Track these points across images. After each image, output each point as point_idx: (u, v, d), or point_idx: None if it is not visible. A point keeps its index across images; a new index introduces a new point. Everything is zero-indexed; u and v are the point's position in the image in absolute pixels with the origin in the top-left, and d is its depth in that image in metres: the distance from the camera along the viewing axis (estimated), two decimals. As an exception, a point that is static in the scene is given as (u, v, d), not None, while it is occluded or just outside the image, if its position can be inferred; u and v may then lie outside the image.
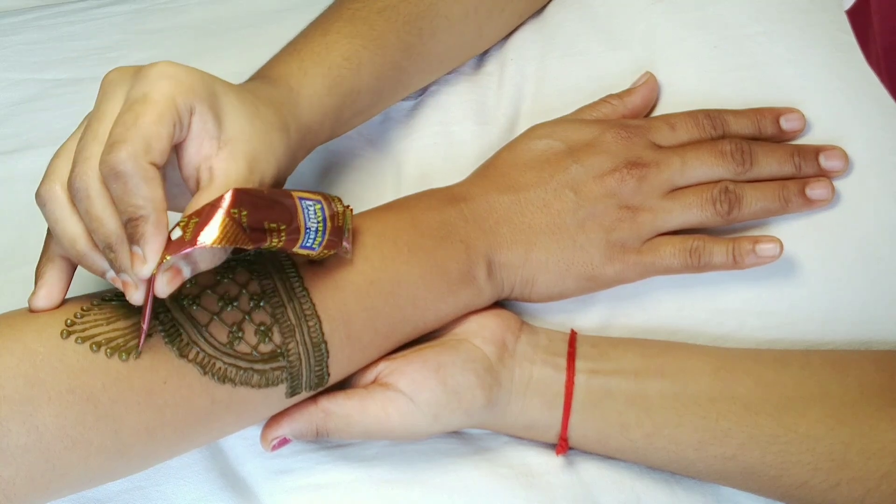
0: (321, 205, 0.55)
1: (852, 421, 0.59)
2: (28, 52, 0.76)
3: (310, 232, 0.54)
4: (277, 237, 0.51)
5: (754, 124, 0.66)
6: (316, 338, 0.55)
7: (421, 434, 0.59)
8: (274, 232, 0.51)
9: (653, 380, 0.61)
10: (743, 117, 0.66)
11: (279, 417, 0.59)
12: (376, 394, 0.59)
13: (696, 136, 0.65)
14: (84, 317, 0.52)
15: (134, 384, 0.51)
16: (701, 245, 0.62)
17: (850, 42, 0.61)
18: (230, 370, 0.53)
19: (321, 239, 0.54)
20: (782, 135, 0.66)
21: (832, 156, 0.65)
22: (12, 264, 0.68)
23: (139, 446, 0.52)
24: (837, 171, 0.65)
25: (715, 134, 0.65)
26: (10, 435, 0.48)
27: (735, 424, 0.59)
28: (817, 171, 0.65)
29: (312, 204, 0.55)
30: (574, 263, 0.63)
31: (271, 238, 0.51)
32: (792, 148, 0.65)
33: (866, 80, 0.65)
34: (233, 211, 0.49)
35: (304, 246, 0.53)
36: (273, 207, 0.52)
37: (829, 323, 0.64)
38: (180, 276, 0.49)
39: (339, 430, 0.59)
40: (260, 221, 0.50)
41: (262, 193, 0.52)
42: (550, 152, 0.64)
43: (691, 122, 0.66)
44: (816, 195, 0.64)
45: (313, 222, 0.54)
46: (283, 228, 0.52)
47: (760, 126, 0.66)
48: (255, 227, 0.50)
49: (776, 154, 0.65)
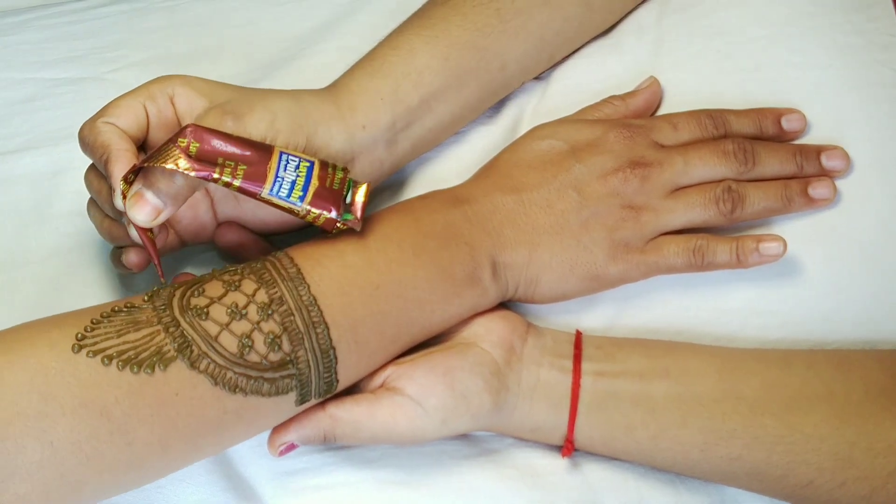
0: (310, 163, 0.57)
1: (857, 420, 0.59)
2: (28, 51, 0.76)
3: (281, 181, 0.56)
4: (232, 174, 0.54)
5: (756, 124, 0.66)
6: (324, 344, 0.56)
7: (428, 438, 0.60)
8: (227, 168, 0.54)
9: (658, 381, 0.61)
10: (744, 117, 0.66)
11: (287, 423, 0.59)
12: (384, 399, 0.59)
13: (698, 136, 0.66)
14: (94, 330, 0.52)
15: (146, 397, 0.51)
16: (704, 244, 0.63)
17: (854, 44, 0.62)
18: (241, 380, 0.53)
19: (301, 193, 0.56)
20: (783, 135, 0.67)
21: (833, 156, 0.65)
22: (12, 264, 0.68)
23: (153, 458, 0.52)
24: (839, 170, 0.65)
25: (717, 133, 0.66)
26: (24, 451, 0.49)
27: (740, 425, 0.60)
28: (819, 170, 0.65)
29: (297, 160, 0.57)
30: (578, 263, 0.63)
31: (223, 172, 0.54)
32: (794, 147, 0.66)
33: (869, 83, 0.65)
34: (180, 140, 0.54)
35: (274, 193, 0.55)
36: (236, 146, 0.55)
37: (832, 323, 0.65)
38: (144, 200, 0.55)
39: (346, 436, 0.59)
40: (213, 155, 0.54)
41: (229, 135, 0.56)
42: (553, 152, 0.64)
43: (693, 121, 0.66)
44: (819, 195, 0.65)
45: (290, 173, 0.56)
46: (241, 167, 0.55)
47: (762, 126, 0.66)
48: (204, 158, 0.54)
49: (778, 154, 0.65)
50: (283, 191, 0.56)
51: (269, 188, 0.55)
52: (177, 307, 0.54)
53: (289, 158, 0.56)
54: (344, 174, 0.58)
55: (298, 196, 0.56)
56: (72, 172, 0.70)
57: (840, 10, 0.69)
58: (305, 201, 0.56)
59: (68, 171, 0.71)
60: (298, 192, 0.56)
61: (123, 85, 0.72)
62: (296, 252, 0.58)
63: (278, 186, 0.56)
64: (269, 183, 0.55)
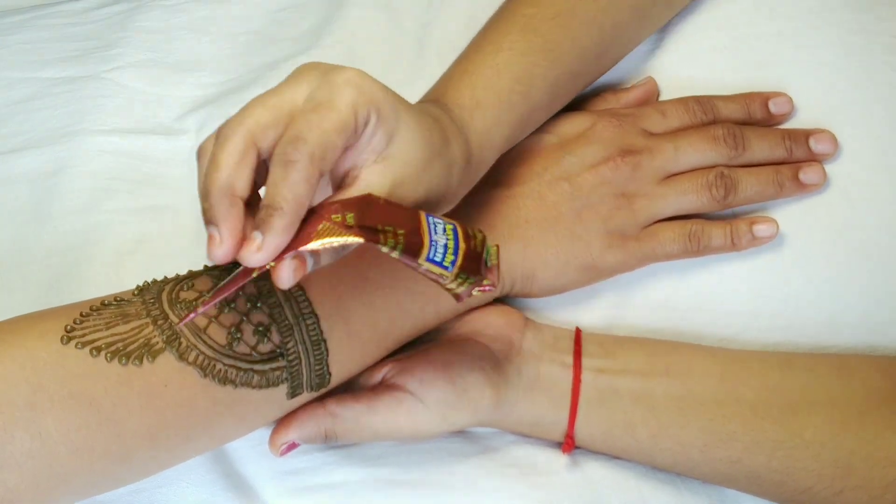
0: (453, 225, 0.52)
1: (857, 428, 0.59)
2: (27, 50, 0.76)
3: (436, 245, 0.51)
4: (394, 239, 0.49)
5: (744, 109, 0.66)
6: (315, 336, 0.56)
7: (428, 434, 0.59)
8: (389, 234, 0.49)
9: (659, 380, 0.61)
10: (732, 102, 0.66)
11: (287, 421, 0.59)
12: (384, 395, 0.59)
13: (687, 122, 0.66)
14: (83, 322, 0.52)
15: (134, 388, 0.51)
16: (699, 229, 0.63)
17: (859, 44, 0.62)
18: (230, 371, 0.53)
19: (452, 258, 0.51)
20: (771, 118, 0.67)
21: (822, 139, 0.65)
22: (11, 264, 0.68)
23: (142, 450, 0.52)
24: (827, 154, 0.65)
25: (706, 119, 0.66)
26: (13, 441, 0.49)
27: (741, 427, 0.59)
28: (808, 154, 0.65)
29: (442, 222, 0.52)
30: (573, 254, 0.62)
31: (386, 238, 0.49)
32: (783, 132, 0.66)
33: (874, 81, 0.65)
34: (334, 217, 0.48)
35: (430, 259, 0.50)
36: (390, 213, 0.50)
37: (834, 326, 0.65)
38: (304, 267, 0.48)
39: (347, 433, 0.59)
40: (372, 222, 0.49)
41: (379, 201, 0.50)
42: (542, 145, 0.64)
43: (682, 108, 0.66)
44: (809, 179, 0.65)
45: (440, 237, 0.51)
46: (400, 232, 0.49)
47: (750, 110, 0.66)
48: (364, 225, 0.49)
49: (767, 138, 0.65)
50: (436, 254, 0.50)
51: (426, 254, 0.50)
52: (166, 301, 0.54)
53: (432, 220, 0.51)
54: (482, 236, 0.53)
55: (451, 261, 0.51)
56: (71, 172, 0.70)
57: (848, 9, 0.69)
58: (456, 266, 0.51)
59: (67, 171, 0.71)
60: (451, 256, 0.51)
61: (122, 85, 0.73)
62: None
63: (438, 254, 0.51)
64: (426, 248, 0.50)
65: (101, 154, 0.71)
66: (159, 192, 0.70)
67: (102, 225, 0.69)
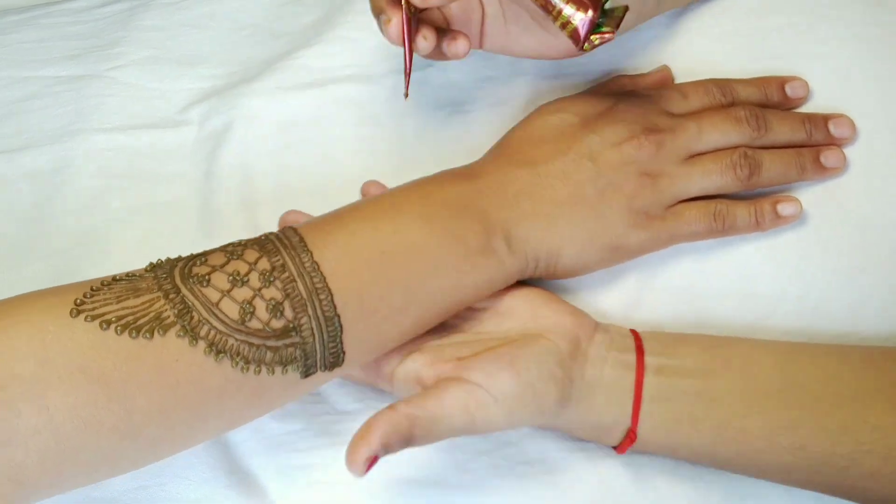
0: None
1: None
2: (29, 49, 0.76)
3: None
4: None
5: (761, 91, 0.66)
6: (328, 311, 0.54)
7: (495, 429, 0.57)
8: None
9: (720, 372, 0.60)
10: (750, 85, 0.67)
11: (364, 434, 0.54)
12: (451, 387, 0.56)
13: (707, 104, 0.66)
14: (94, 296, 0.51)
15: (145, 362, 0.50)
16: (724, 208, 0.63)
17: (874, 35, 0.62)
18: (243, 347, 0.52)
19: None
20: (787, 102, 0.67)
21: (841, 123, 0.66)
22: (13, 263, 0.67)
23: (152, 427, 0.51)
24: (846, 138, 0.66)
25: (725, 101, 0.66)
26: (21, 416, 0.47)
27: (804, 414, 0.59)
28: (827, 138, 0.66)
29: None
30: (597, 234, 0.61)
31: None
32: (802, 115, 0.66)
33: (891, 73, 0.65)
34: None
35: None
36: None
37: (858, 311, 0.65)
38: None
39: (425, 433, 0.55)
40: None
41: None
42: (565, 125, 0.63)
43: (702, 89, 0.66)
44: (831, 163, 0.65)
45: None
46: None
47: (767, 93, 0.67)
48: None
49: (788, 120, 0.65)
50: None
51: None
52: (178, 275, 0.53)
53: None
54: None
55: None
56: (72, 171, 0.70)
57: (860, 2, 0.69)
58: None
59: (69, 170, 0.70)
60: None
61: (124, 83, 0.73)
62: (300, 225, 0.57)
63: None
64: None
65: (103, 152, 0.70)
66: (163, 189, 0.69)
67: (106, 223, 0.68)
